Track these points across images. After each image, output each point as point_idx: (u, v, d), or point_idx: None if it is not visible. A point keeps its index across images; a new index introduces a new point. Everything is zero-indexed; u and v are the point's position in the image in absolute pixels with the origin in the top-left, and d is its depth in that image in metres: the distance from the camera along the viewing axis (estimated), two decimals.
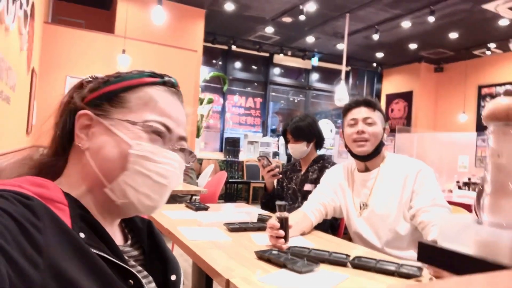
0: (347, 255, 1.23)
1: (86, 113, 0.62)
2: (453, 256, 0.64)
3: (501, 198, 0.64)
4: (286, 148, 2.30)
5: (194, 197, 3.57)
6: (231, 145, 7.67)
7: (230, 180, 7.10)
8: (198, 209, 2.08)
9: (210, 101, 7.84)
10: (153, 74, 0.68)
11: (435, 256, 0.68)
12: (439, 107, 9.28)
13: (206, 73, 8.17)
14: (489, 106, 0.66)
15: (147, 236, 0.71)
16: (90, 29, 5.89)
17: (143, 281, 0.58)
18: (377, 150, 1.61)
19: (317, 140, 2.24)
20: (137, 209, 0.62)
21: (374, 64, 9.74)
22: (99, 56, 5.65)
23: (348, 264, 1.19)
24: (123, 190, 0.60)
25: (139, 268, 0.65)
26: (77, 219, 0.55)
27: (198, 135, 7.36)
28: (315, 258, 1.18)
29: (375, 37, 7.02)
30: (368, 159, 1.62)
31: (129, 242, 0.68)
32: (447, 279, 0.29)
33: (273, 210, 2.18)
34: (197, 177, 5.09)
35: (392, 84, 9.88)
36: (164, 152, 0.62)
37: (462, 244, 0.65)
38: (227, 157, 7.57)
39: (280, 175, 2.25)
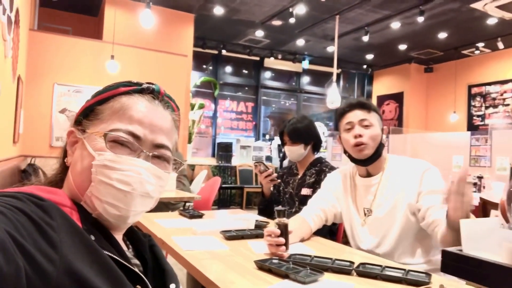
0: (351, 262, 1.17)
1: (71, 130, 0.66)
2: (483, 266, 0.58)
3: None
4: (280, 151, 2.24)
5: (187, 204, 3.49)
6: (223, 150, 7.58)
7: (223, 185, 7.02)
8: (192, 216, 2.00)
9: (201, 107, 7.77)
10: (129, 83, 0.67)
11: (461, 266, 0.63)
12: (430, 107, 9.32)
13: (197, 78, 8.10)
14: None
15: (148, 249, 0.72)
16: (78, 36, 5.80)
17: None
18: (378, 153, 1.54)
19: (315, 142, 2.18)
20: (107, 220, 0.61)
21: (365, 66, 9.76)
22: (87, 63, 5.55)
23: (353, 272, 1.13)
24: (91, 201, 0.60)
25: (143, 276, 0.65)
26: (87, 222, 0.57)
27: (189, 141, 7.27)
28: (318, 267, 1.11)
29: (365, 38, 7.03)
30: (369, 163, 1.55)
31: (130, 250, 0.69)
32: None
33: (270, 216, 2.11)
34: (190, 184, 5.01)
35: (382, 85, 9.91)
36: (128, 159, 0.61)
37: (492, 252, 0.59)
38: (220, 162, 7.49)
39: (279, 180, 2.18)
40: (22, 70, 4.44)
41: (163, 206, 3.42)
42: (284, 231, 1.29)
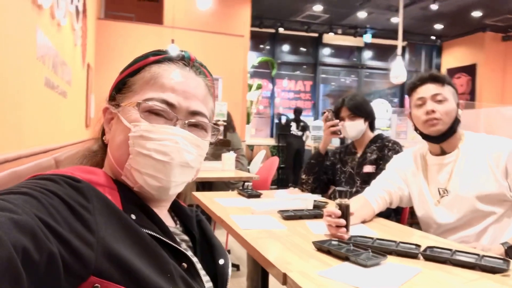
0: (417, 245, 1.10)
1: (106, 107, 0.65)
2: None
3: None
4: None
5: (246, 184, 3.54)
6: (282, 130, 7.56)
7: (282, 165, 7.02)
8: (250, 196, 2.01)
9: (259, 87, 7.77)
10: (159, 52, 0.66)
11: None
12: (508, 79, 8.49)
13: (254, 58, 8.08)
14: None
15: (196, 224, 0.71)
16: (140, 22, 6.01)
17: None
18: (452, 129, 1.43)
19: (371, 120, 2.10)
20: (148, 192, 0.59)
21: (433, 37, 9.10)
22: (150, 47, 5.47)
23: (419, 255, 1.06)
24: (131, 174, 0.59)
25: (190, 252, 0.64)
26: (127, 201, 0.56)
27: (248, 122, 7.33)
28: (381, 249, 1.06)
29: (433, 7, 6.52)
30: (443, 139, 1.44)
31: (178, 226, 0.68)
32: None
33: (315, 174, 2.13)
34: (249, 164, 5.07)
35: (453, 57, 9.19)
36: (162, 128, 0.59)
37: None
38: (279, 142, 7.49)
39: (341, 134, 2.12)
40: (91, 57, 4.72)
41: (223, 185, 3.50)
42: (345, 212, 1.24)
